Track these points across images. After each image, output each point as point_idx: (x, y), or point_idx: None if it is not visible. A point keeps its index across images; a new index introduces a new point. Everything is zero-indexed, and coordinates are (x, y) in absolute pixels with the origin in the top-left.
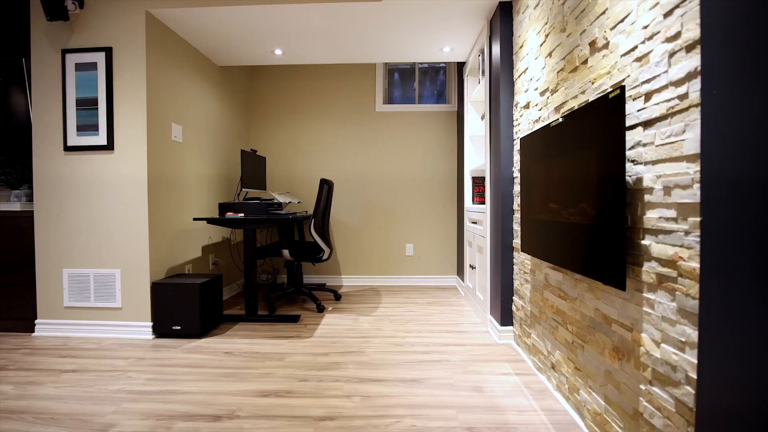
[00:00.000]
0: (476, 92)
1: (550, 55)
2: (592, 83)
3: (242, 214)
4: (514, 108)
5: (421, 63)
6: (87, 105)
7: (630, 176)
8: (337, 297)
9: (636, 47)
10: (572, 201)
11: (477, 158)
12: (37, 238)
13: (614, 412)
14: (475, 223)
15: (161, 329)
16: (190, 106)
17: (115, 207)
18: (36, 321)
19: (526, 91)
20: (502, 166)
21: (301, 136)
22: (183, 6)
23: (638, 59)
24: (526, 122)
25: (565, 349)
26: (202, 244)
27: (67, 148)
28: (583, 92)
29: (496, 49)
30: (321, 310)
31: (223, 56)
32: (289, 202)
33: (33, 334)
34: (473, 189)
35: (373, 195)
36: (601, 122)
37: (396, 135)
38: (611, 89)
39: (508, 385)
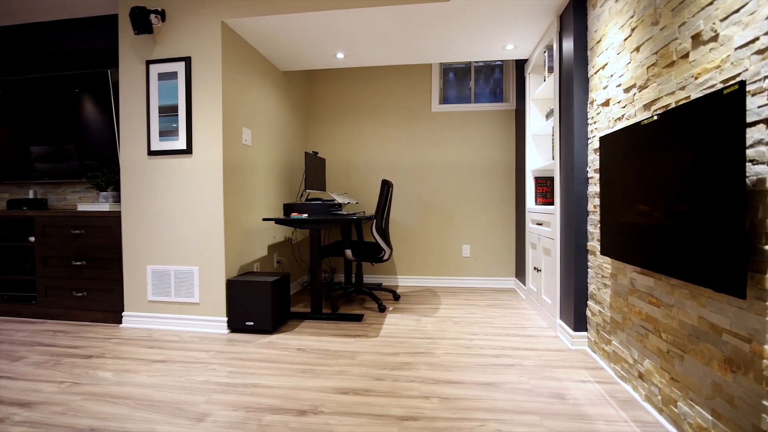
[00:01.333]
0: (540, 90)
1: (637, 49)
2: (695, 78)
3: (306, 215)
4: (588, 106)
5: (477, 62)
6: (168, 112)
7: (749, 177)
8: (396, 297)
9: (757, 38)
10: (672, 203)
11: (540, 158)
12: (124, 237)
13: (726, 428)
14: (540, 224)
15: (235, 324)
16: (257, 110)
17: (193, 207)
18: (123, 313)
19: (604, 88)
20: (575, 166)
21: (357, 137)
22: (255, 15)
23: (759, 52)
24: (604, 120)
25: (657, 358)
26: (268, 244)
27: (151, 153)
28: (682, 88)
29: (568, 44)
30: (382, 309)
31: (286, 61)
32: (348, 203)
33: (120, 325)
34: (536, 189)
35: (430, 195)
36: (712, 120)
37: (452, 135)
38: (724, 85)
39: (590, 392)
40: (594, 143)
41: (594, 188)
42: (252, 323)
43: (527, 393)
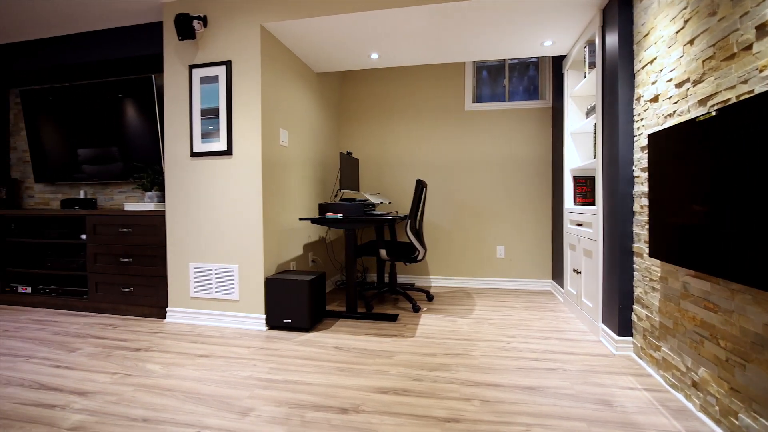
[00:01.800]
0: (580, 87)
1: (691, 42)
2: (760, 71)
3: (340, 215)
4: (634, 102)
5: (512, 59)
6: (210, 114)
7: None
8: (430, 297)
9: None
10: (732, 203)
11: (579, 157)
12: (168, 235)
13: None
14: (580, 225)
15: (273, 322)
16: (293, 111)
17: (233, 207)
18: (167, 308)
19: (653, 83)
20: (620, 164)
21: (390, 137)
22: (293, 18)
23: None
24: (652, 117)
25: (714, 366)
26: (303, 243)
27: (193, 154)
28: (744, 82)
29: (612, 39)
30: (417, 310)
31: (321, 63)
32: (381, 203)
33: (165, 320)
34: (575, 189)
35: (463, 195)
36: None
37: (486, 134)
38: None
39: (639, 400)
40: (641, 141)
41: (641, 188)
42: (289, 321)
43: (572, 398)
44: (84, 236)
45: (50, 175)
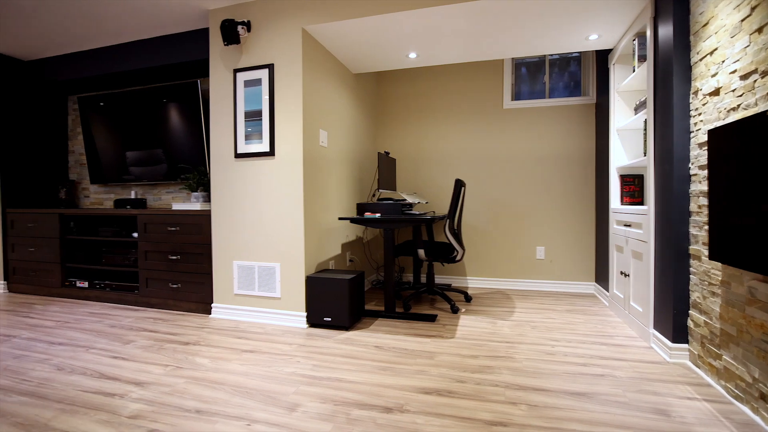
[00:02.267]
0: (628, 81)
1: (759, 31)
2: None
3: (378, 214)
4: (691, 96)
5: (552, 55)
6: (253, 116)
7: None
8: (468, 298)
9: None
10: None
11: (626, 154)
12: (213, 234)
13: None
14: (629, 225)
15: (314, 319)
16: (331, 112)
17: (275, 207)
18: (212, 304)
19: (713, 76)
20: (674, 162)
21: (426, 136)
22: (334, 20)
23: None
24: (713, 112)
25: None
26: (341, 242)
27: (237, 155)
28: None
29: (666, 30)
30: (455, 311)
31: (359, 64)
32: (418, 202)
33: (210, 316)
34: (622, 188)
35: (501, 195)
36: None
37: (525, 132)
38: None
39: (699, 411)
40: (699, 137)
41: (699, 186)
42: (329, 319)
43: (625, 407)
44: (135, 234)
45: (103, 177)
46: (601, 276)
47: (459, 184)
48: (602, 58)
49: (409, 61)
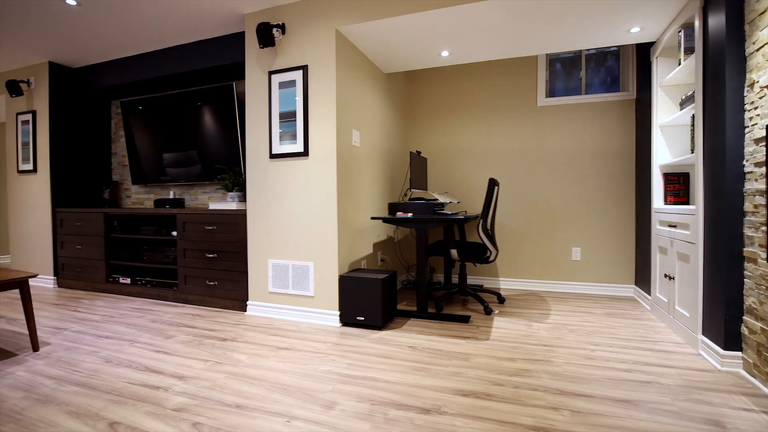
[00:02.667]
0: (673, 75)
1: None
2: None
3: (410, 214)
4: (746, 89)
5: (589, 49)
6: (287, 117)
7: None
8: (501, 300)
9: None
10: None
11: (670, 152)
12: (249, 233)
13: None
14: (673, 226)
15: (347, 318)
16: (364, 112)
17: (309, 207)
18: (248, 302)
19: None
20: (727, 159)
21: (457, 135)
22: (367, 20)
23: None
24: None
25: None
26: (373, 242)
27: (272, 156)
28: None
29: (717, 20)
30: (489, 312)
31: (390, 63)
32: (449, 202)
33: (245, 313)
34: (665, 187)
35: (535, 195)
36: None
37: (560, 130)
38: None
39: (757, 424)
40: (755, 132)
41: (754, 185)
42: (362, 318)
43: (675, 416)
44: (174, 233)
45: (143, 177)
46: (642, 278)
47: (492, 184)
48: (643, 51)
49: (441, 59)
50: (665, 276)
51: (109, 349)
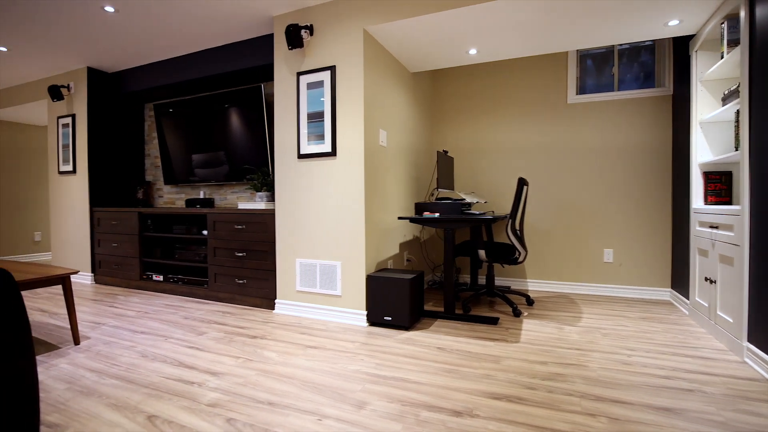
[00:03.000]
0: (715, 69)
1: None
2: None
3: (437, 214)
4: None
5: (621, 44)
6: (315, 118)
7: None
8: (530, 302)
9: None
10: None
11: (711, 149)
12: (277, 232)
13: None
14: (715, 227)
15: (374, 318)
16: (390, 112)
17: (337, 206)
18: (276, 300)
19: None
20: None
21: (484, 134)
22: (396, 19)
23: None
24: None
25: None
26: (399, 242)
27: (300, 156)
28: None
29: (765, 10)
30: (518, 314)
31: (417, 62)
32: (476, 202)
33: (274, 311)
34: (705, 186)
35: (565, 195)
36: None
37: (591, 128)
38: None
39: None
40: None
41: None
42: (390, 318)
43: (722, 427)
44: (205, 232)
45: (174, 178)
46: (679, 282)
47: (521, 183)
48: (681, 45)
49: (469, 57)
50: (706, 279)
51: (144, 344)
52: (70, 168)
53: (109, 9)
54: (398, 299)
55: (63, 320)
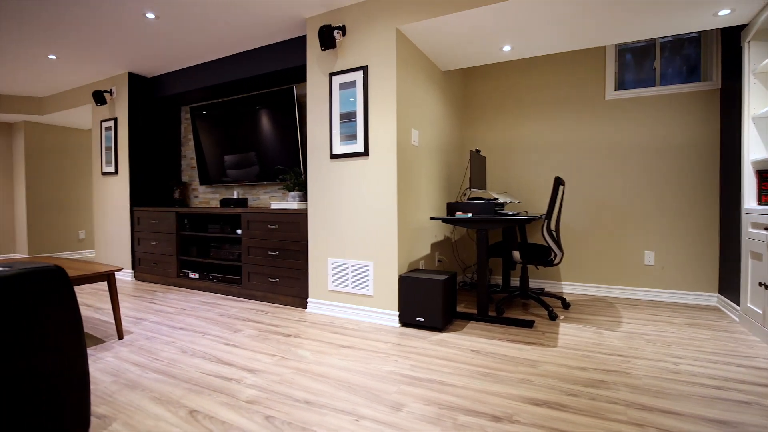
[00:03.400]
0: None
1: None
2: None
3: (470, 214)
4: None
5: (663, 37)
6: (347, 118)
7: None
8: (566, 305)
9: None
10: None
11: (765, 146)
12: (309, 232)
13: None
14: None
15: (406, 319)
16: (422, 111)
17: (369, 207)
18: (308, 299)
19: None
20: None
21: (517, 133)
22: (430, 17)
23: None
24: None
25: None
26: (430, 242)
27: (333, 156)
28: None
29: None
30: (553, 317)
31: (449, 60)
32: (509, 202)
33: (306, 310)
34: (759, 185)
35: (602, 194)
36: None
37: (630, 125)
38: None
39: None
40: None
41: None
42: (422, 320)
43: None
44: (239, 231)
45: (209, 178)
46: (729, 286)
47: (558, 182)
48: (731, 36)
49: (503, 54)
50: (760, 284)
51: (183, 339)
52: (112, 169)
53: (150, 16)
54: (431, 300)
55: (106, 315)
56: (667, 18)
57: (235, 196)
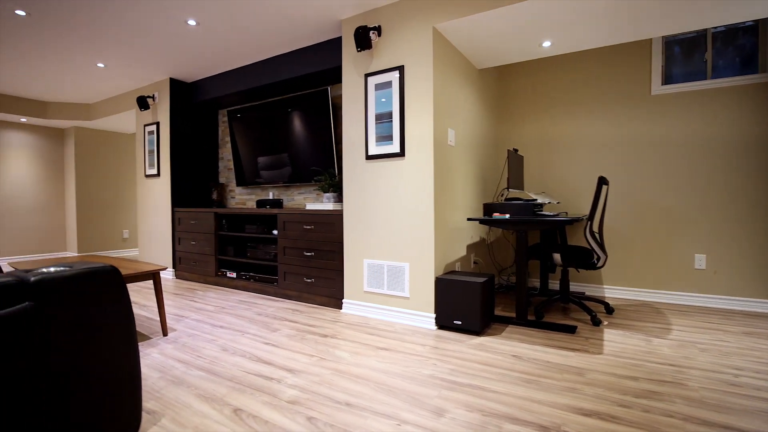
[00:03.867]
0: None
1: None
2: None
3: (507, 215)
4: None
5: (717, 27)
6: (383, 119)
7: None
8: (609, 310)
9: None
10: None
11: None
12: (345, 232)
13: None
14: None
15: (443, 321)
16: (458, 111)
17: (405, 207)
18: (343, 300)
19: None
20: None
21: (555, 131)
22: (466, 15)
23: None
24: None
25: None
26: (467, 243)
27: (368, 157)
28: None
29: None
30: (597, 323)
31: (485, 58)
32: (548, 203)
33: (341, 310)
34: None
35: (648, 194)
36: None
37: (679, 121)
38: None
39: None
40: None
41: None
42: (460, 322)
43: None
44: (275, 232)
45: (244, 180)
46: None
47: (601, 182)
48: None
49: (541, 50)
50: None
51: (224, 338)
52: (155, 171)
53: (192, 23)
54: (469, 303)
55: (151, 312)
56: (721, 7)
57: (270, 197)
